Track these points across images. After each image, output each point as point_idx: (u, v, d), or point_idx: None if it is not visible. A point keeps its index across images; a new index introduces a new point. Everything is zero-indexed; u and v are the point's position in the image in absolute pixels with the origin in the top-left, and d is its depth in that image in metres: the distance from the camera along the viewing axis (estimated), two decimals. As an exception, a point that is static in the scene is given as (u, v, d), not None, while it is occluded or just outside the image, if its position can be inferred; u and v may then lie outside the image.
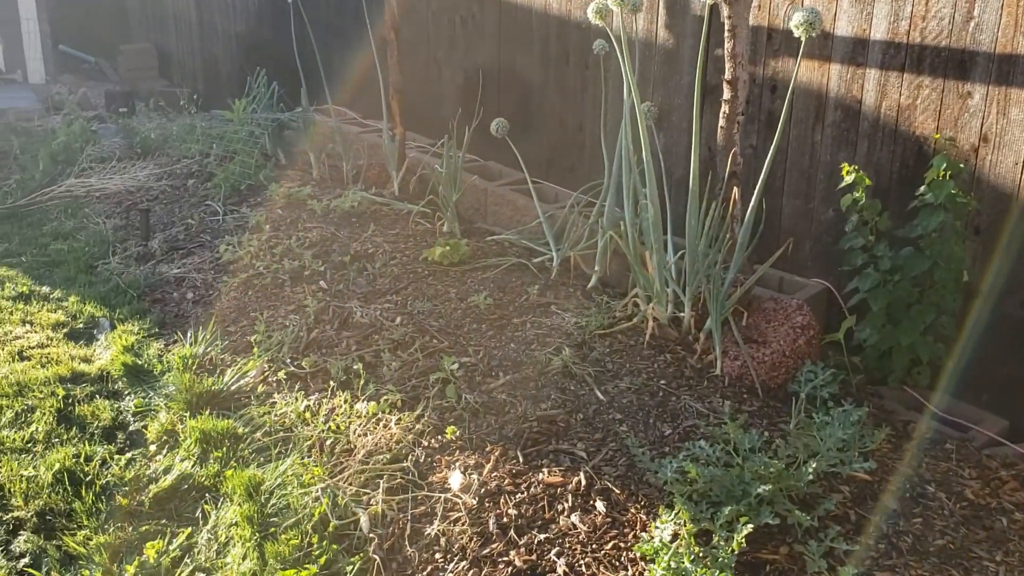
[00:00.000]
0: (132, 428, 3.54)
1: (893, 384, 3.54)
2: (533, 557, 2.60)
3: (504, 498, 2.83)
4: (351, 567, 2.70)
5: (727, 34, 3.65)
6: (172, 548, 2.88)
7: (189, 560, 2.86)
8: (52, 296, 4.75)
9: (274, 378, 3.72)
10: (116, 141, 6.99)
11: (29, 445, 3.38)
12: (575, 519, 2.72)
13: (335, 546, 2.81)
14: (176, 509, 3.09)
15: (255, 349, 3.88)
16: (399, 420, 3.26)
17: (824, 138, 4.01)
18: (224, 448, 3.32)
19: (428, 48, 6.53)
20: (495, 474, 2.94)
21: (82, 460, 3.28)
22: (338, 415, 3.39)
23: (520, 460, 2.99)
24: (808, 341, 3.56)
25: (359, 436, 3.24)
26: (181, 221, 5.56)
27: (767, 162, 3.44)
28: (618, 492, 2.80)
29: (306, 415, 3.44)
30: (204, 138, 6.62)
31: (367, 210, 5.30)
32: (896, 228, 3.57)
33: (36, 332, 4.33)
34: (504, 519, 2.76)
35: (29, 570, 2.82)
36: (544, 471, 2.93)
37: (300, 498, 2.99)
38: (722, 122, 3.78)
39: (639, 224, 3.99)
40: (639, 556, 2.53)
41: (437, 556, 2.69)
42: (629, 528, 2.67)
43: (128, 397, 3.78)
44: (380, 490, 2.96)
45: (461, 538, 2.72)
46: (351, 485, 3.02)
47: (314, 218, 5.22)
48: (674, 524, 2.54)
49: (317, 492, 3.00)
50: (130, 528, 2.98)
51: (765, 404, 3.30)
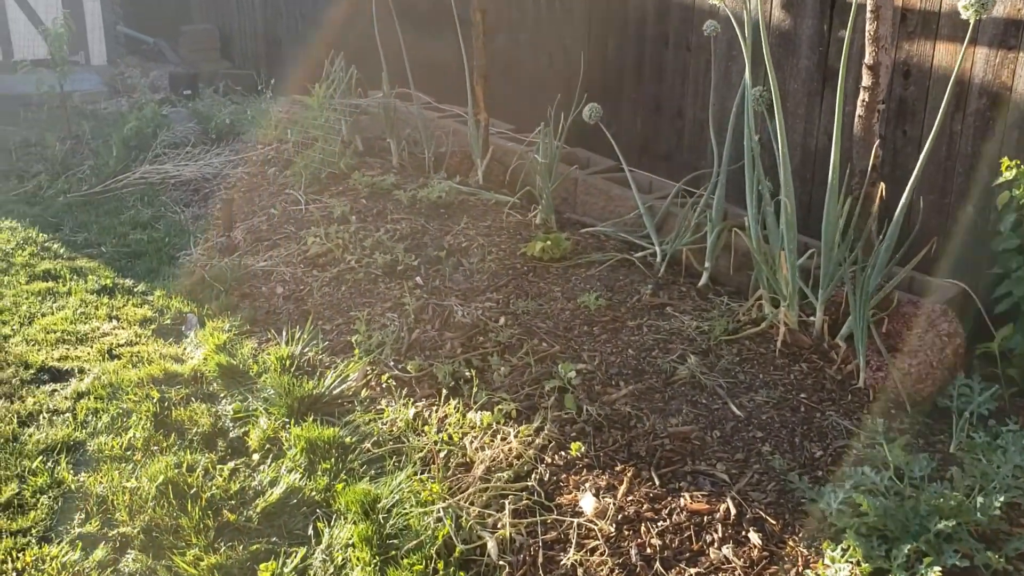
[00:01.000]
0: (232, 435, 3.37)
1: (1051, 398, 3.25)
2: (687, 595, 2.38)
3: (644, 526, 2.61)
4: (483, 599, 2.50)
5: (869, 15, 3.36)
6: (287, 571, 2.70)
7: (305, 583, 2.69)
8: (136, 289, 4.61)
9: (377, 382, 3.52)
10: (190, 127, 6.84)
11: (128, 453, 3.22)
12: (727, 552, 2.49)
13: (462, 573, 2.61)
14: (286, 526, 2.91)
15: (356, 351, 3.69)
16: (517, 433, 3.04)
17: (965, 128, 3.70)
18: (332, 459, 3.13)
19: (508, 30, 6.27)
20: (631, 498, 2.72)
21: (184, 470, 3.12)
22: (450, 425, 3.19)
23: (656, 482, 2.76)
24: (955, 350, 3.27)
25: (476, 449, 3.03)
26: (262, 211, 5.39)
27: (924, 154, 3.14)
28: (772, 522, 2.56)
29: (416, 424, 3.24)
30: (279, 123, 6.44)
31: (454, 200, 5.08)
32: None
33: (124, 328, 4.19)
34: (647, 550, 2.54)
35: (138, 591, 2.67)
36: (685, 495, 2.70)
37: (420, 518, 2.79)
38: (860, 111, 3.49)
39: (761, 218, 3.72)
40: (808, 598, 2.30)
41: (578, 589, 2.48)
42: (790, 564, 2.43)
43: (224, 400, 3.61)
44: (506, 512, 2.75)
45: (601, 570, 2.51)
46: (473, 505, 2.82)
47: (401, 209, 5.01)
48: (848, 563, 2.30)
49: (438, 512, 2.80)
50: (240, 547, 2.80)
51: (915, 420, 3.03)
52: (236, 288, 4.50)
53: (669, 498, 2.70)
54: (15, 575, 2.71)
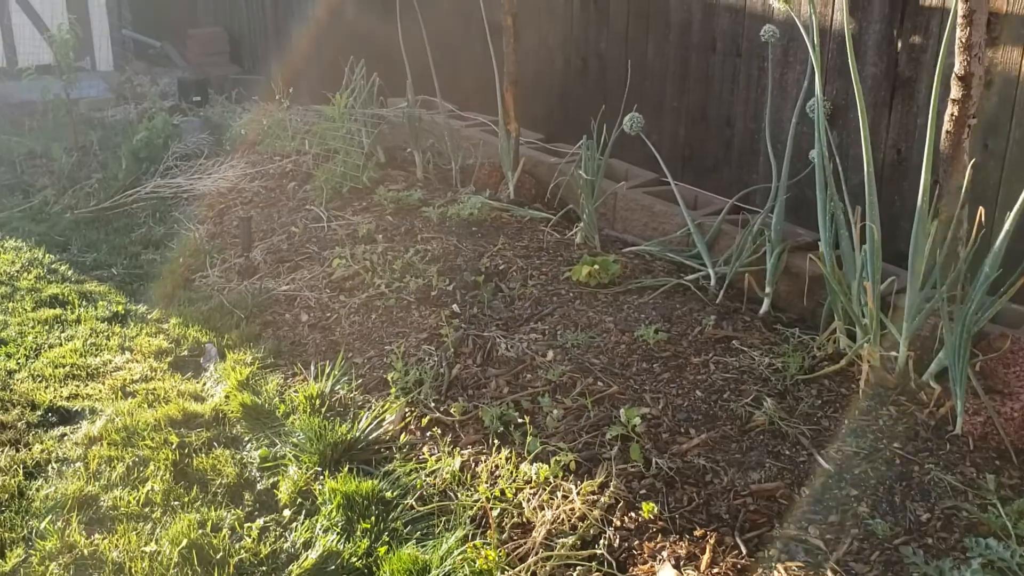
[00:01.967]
0: (260, 486, 3.06)
1: None
2: None
3: (736, 605, 2.29)
4: None
5: (961, 20, 3.03)
6: (328, 654, 2.39)
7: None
8: (150, 317, 4.30)
9: (417, 425, 3.21)
10: (202, 138, 6.53)
11: (146, 510, 2.91)
12: (836, 639, 2.17)
13: (528, 659, 2.30)
14: (324, 597, 2.61)
15: (392, 389, 3.38)
16: (579, 489, 2.73)
17: (1058, 142, 3.38)
18: (372, 517, 2.82)
19: (538, 33, 5.95)
20: (716, 570, 2.40)
21: (209, 530, 2.81)
22: (502, 478, 2.88)
23: (743, 550, 2.45)
24: (1061, 392, 2.95)
25: (534, 509, 2.72)
26: (282, 228, 5.08)
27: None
28: (885, 603, 2.25)
29: (464, 476, 2.93)
30: (296, 134, 6.14)
31: (487, 217, 4.77)
32: None
33: (137, 361, 3.88)
34: (742, 634, 2.22)
35: None
36: (778, 568, 2.38)
37: (476, 592, 2.48)
38: (948, 126, 3.17)
39: (831, 238, 3.41)
40: None
41: None
42: (912, 656, 2.11)
43: (249, 444, 3.30)
44: (574, 585, 2.44)
45: (690, 658, 2.19)
46: None
47: (430, 227, 4.70)
48: (986, 662, 1.98)
49: (496, 584, 2.49)
50: (274, 623, 2.50)
51: (1024, 474, 2.71)
52: (258, 315, 4.20)
53: (760, 570, 2.38)
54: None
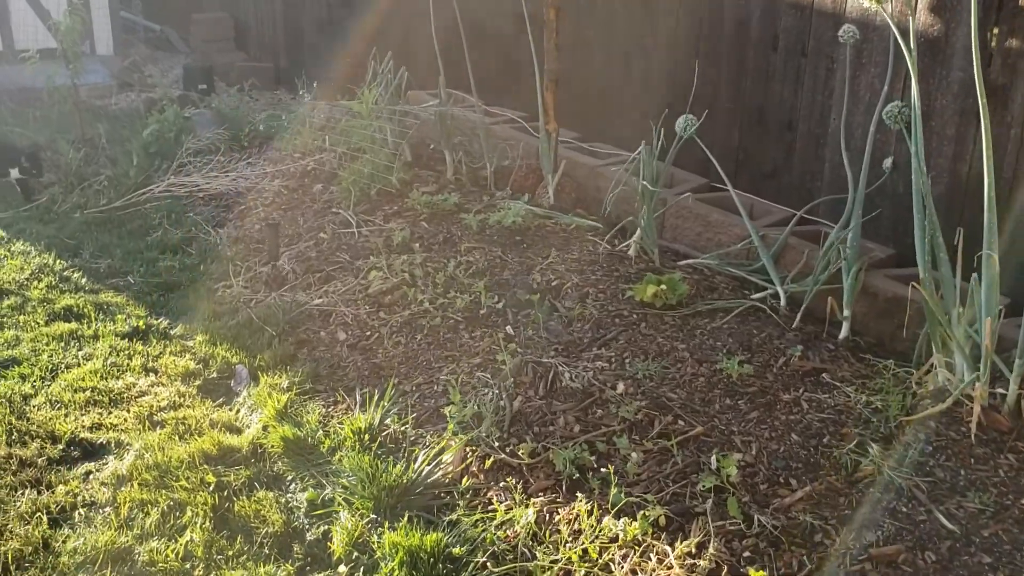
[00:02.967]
0: (310, 536, 2.77)
1: None
2: None
3: None
4: None
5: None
6: None
7: None
8: (173, 332, 4.00)
9: (480, 467, 2.92)
10: (218, 133, 6.18)
11: (187, 565, 2.62)
12: None
13: None
14: (393, 673, 2.32)
15: (449, 425, 3.08)
16: (674, 550, 2.45)
17: None
18: (441, 578, 2.54)
19: (575, 26, 5.62)
20: (845, 653, 2.13)
21: (258, 591, 2.52)
22: (584, 534, 2.59)
23: (871, 628, 2.17)
24: None
25: (626, 574, 2.44)
26: (309, 233, 4.77)
27: None
28: None
29: (540, 530, 2.65)
30: (317, 129, 5.82)
31: (530, 225, 4.46)
32: None
33: (163, 385, 3.58)
34: None
35: None
36: (916, 652, 2.11)
37: (569, 673, 2.20)
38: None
39: (927, 258, 3.12)
40: None
41: None
42: None
43: (294, 485, 3.01)
44: (682, 668, 2.16)
45: None
46: (635, 654, 2.23)
47: (470, 235, 4.40)
48: None
49: (592, 665, 2.21)
50: None
51: None
52: (290, 332, 3.90)
53: (894, 655, 2.11)
54: None
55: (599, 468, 2.79)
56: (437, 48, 5.32)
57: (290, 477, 3.05)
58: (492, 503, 2.78)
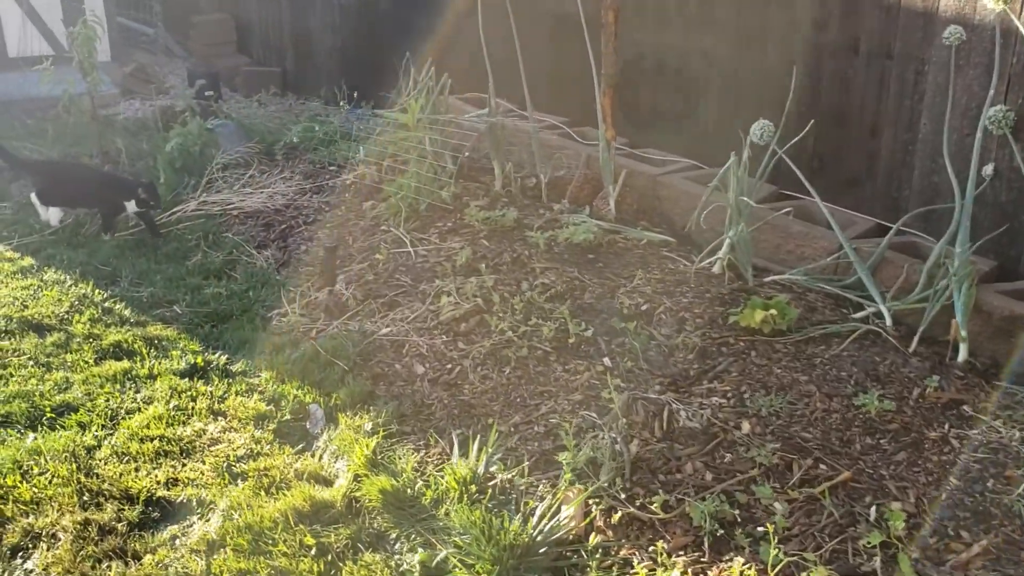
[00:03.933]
0: (432, 609, 2.53)
1: None
2: None
3: None
4: None
5: None
6: None
7: None
8: (234, 369, 3.73)
9: (606, 521, 2.68)
10: (250, 146, 5.87)
11: (305, 648, 2.37)
12: None
13: None
14: None
15: (566, 474, 2.84)
16: (850, 617, 2.22)
17: None
18: (589, 655, 2.30)
19: (624, 29, 5.37)
20: None
21: (388, 675, 2.28)
22: (742, 600, 2.36)
23: None
24: None
25: (802, 646, 2.21)
26: (361, 254, 4.50)
27: None
28: None
29: (690, 596, 2.42)
30: (346, 140, 5.55)
31: (600, 241, 4.22)
32: None
33: (235, 430, 3.32)
34: None
35: None
36: None
37: None
38: None
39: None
40: None
41: None
42: None
43: (399, 543, 2.76)
44: None
45: None
46: None
47: (538, 254, 4.15)
48: None
49: None
50: None
51: None
52: (363, 366, 3.64)
53: None
54: None
55: (743, 522, 2.56)
56: (486, 52, 5.05)
57: (394, 535, 2.80)
58: (632, 564, 2.54)
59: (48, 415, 3.38)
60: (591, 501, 2.75)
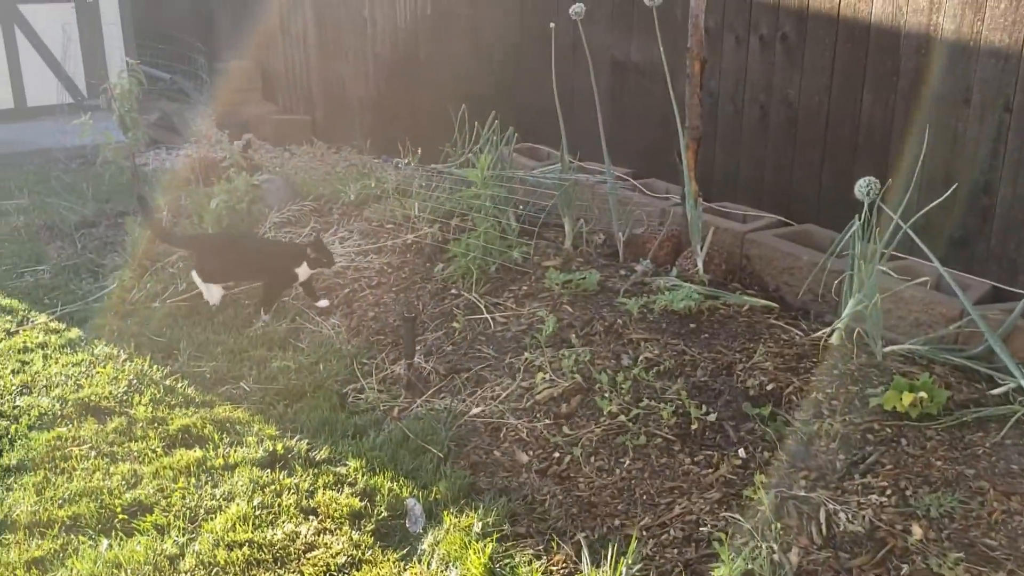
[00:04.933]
0: None
1: None
2: None
3: None
4: None
5: None
6: None
7: None
8: (318, 457, 3.40)
9: (779, 650, 2.36)
10: (305, 205, 5.58)
11: None
12: None
13: None
14: None
15: (724, 591, 2.52)
16: None
17: None
18: None
19: (681, 76, 5.13)
20: None
21: None
22: None
23: None
24: None
25: None
26: (434, 322, 4.20)
27: None
28: None
29: None
30: (404, 196, 5.27)
31: (702, 308, 3.93)
32: None
33: (330, 532, 2.99)
34: None
35: None
36: None
37: None
38: None
39: None
40: None
41: None
42: None
43: (538, 675, 2.43)
44: None
45: None
46: None
47: (632, 322, 3.86)
48: None
49: None
50: None
51: None
52: (457, 452, 3.33)
53: None
54: None
55: (944, 652, 2.25)
56: (559, 106, 4.79)
57: (531, 664, 2.47)
58: None
59: (120, 516, 3.05)
60: (758, 624, 2.43)
